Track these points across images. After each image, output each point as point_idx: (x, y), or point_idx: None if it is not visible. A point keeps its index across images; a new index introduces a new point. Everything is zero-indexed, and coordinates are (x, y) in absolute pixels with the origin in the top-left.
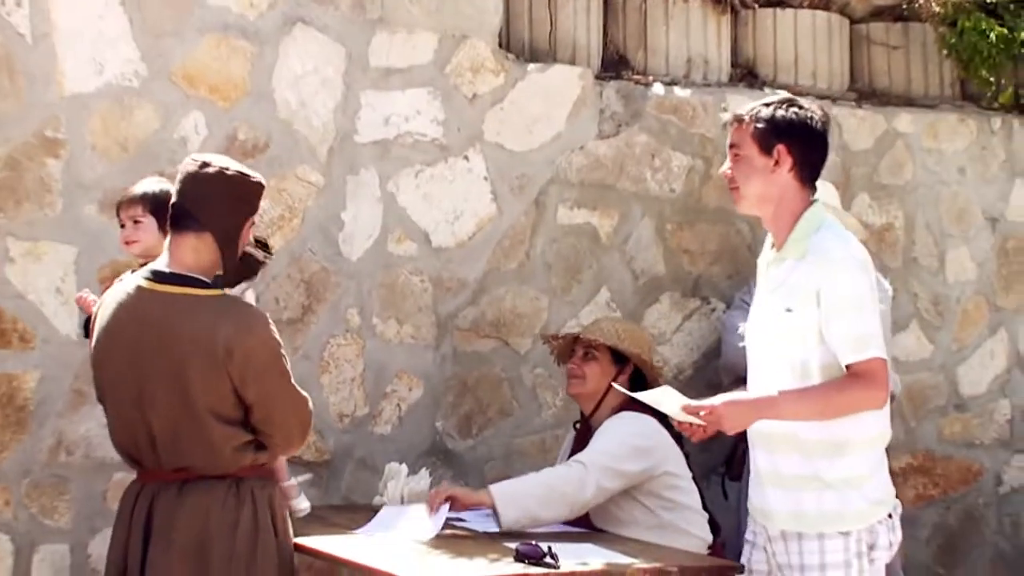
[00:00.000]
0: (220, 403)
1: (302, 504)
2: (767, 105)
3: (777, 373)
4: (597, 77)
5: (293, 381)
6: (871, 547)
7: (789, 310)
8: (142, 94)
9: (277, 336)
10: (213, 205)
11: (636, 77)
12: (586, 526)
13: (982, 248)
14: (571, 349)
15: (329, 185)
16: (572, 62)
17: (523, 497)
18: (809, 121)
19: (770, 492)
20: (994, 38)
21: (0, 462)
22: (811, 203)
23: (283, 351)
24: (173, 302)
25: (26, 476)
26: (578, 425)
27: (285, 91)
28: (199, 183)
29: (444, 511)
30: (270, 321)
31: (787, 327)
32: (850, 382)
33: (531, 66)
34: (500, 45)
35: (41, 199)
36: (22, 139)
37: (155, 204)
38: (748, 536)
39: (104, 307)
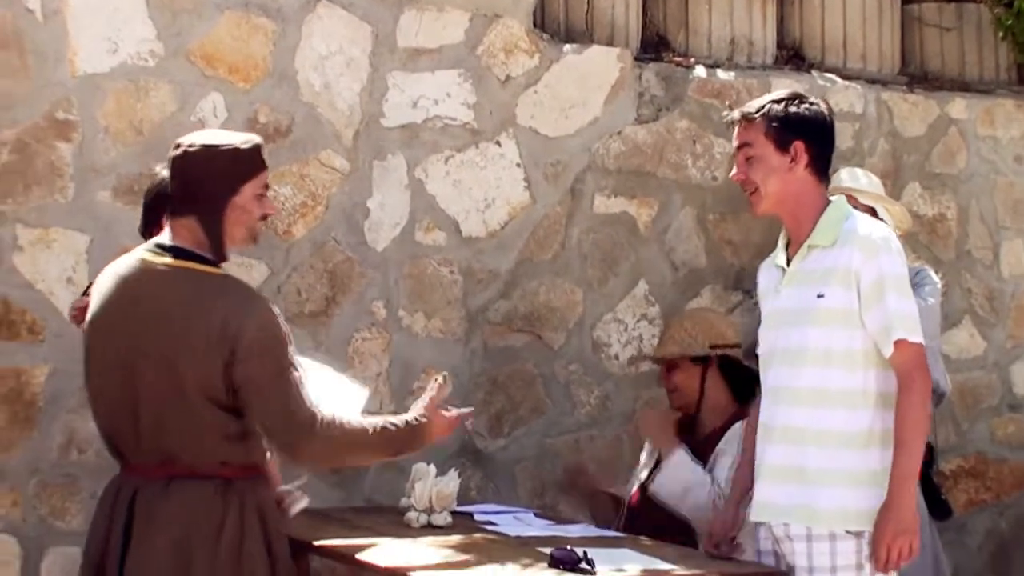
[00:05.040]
0: (212, 385)
1: (295, 507)
2: (777, 102)
3: (798, 362)
4: (636, 59)
5: (292, 378)
6: None
7: (821, 296)
8: (158, 74)
9: (280, 325)
10: (182, 188)
11: (677, 59)
12: (627, 529)
13: None
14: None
15: (354, 171)
16: (610, 43)
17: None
18: (821, 116)
19: (784, 488)
20: None
21: (8, 461)
22: (828, 198)
23: (286, 344)
24: (172, 276)
25: (35, 476)
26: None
27: (308, 72)
28: (171, 168)
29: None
30: (274, 309)
31: (818, 314)
32: (906, 396)
33: (567, 47)
34: (534, 25)
35: (52, 184)
36: (32, 121)
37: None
38: (757, 545)
39: (102, 278)
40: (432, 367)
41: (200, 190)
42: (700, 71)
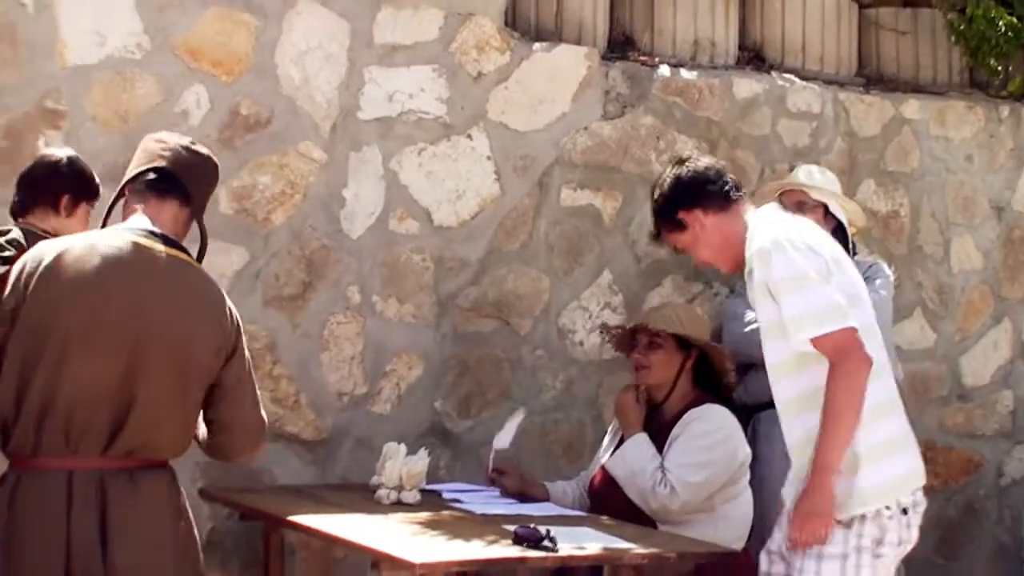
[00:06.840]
0: (212, 376)
1: None
2: (657, 197)
3: (774, 377)
4: (603, 58)
5: (253, 379)
6: (878, 542)
7: (755, 313)
8: (144, 66)
9: None
10: (198, 181)
11: (642, 58)
12: (591, 510)
13: (987, 237)
14: (632, 339)
15: (331, 162)
16: (578, 42)
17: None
18: (691, 172)
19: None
20: (1003, 26)
21: None
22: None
23: None
24: (172, 264)
25: None
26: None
27: (289, 66)
28: (192, 156)
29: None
30: None
31: (762, 331)
32: (832, 381)
33: (537, 45)
34: (506, 23)
35: None
36: (22, 110)
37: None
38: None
39: (78, 258)
40: (404, 350)
41: (208, 189)
42: (664, 70)
